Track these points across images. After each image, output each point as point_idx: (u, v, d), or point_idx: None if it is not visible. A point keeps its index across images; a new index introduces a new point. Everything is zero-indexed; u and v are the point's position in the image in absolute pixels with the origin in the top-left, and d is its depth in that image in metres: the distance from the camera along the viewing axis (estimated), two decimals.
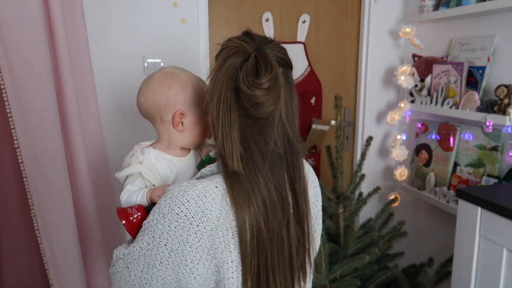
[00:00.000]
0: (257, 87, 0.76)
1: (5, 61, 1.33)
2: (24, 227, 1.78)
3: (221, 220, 0.78)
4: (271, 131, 0.81)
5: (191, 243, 0.78)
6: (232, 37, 0.86)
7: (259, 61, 0.78)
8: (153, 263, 0.80)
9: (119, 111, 1.87)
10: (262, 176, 0.80)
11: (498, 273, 1.20)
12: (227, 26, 2.00)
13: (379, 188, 1.78)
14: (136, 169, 0.97)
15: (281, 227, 0.81)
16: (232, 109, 0.79)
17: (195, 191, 0.78)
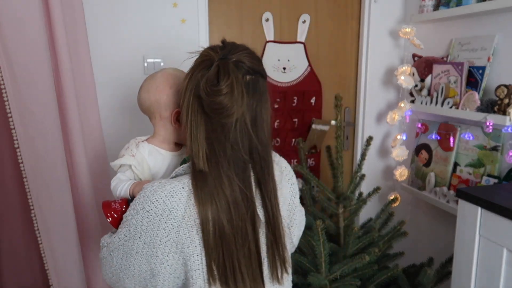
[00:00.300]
0: (215, 94, 0.84)
1: (5, 61, 1.33)
2: (24, 227, 1.78)
3: (186, 218, 0.86)
4: (234, 135, 0.88)
5: (160, 238, 0.86)
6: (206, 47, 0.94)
7: (220, 69, 0.85)
8: (130, 252, 0.90)
9: (119, 111, 1.87)
10: (226, 176, 0.87)
11: (498, 273, 1.20)
12: (227, 26, 2.00)
13: (379, 188, 1.78)
14: (128, 161, 1.06)
15: (245, 223, 0.88)
16: (198, 113, 0.88)
17: (163, 191, 0.86)
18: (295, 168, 1.71)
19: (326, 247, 1.51)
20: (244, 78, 0.88)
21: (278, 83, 2.10)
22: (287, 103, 2.12)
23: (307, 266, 1.58)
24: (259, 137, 0.91)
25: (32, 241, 1.72)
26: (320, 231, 1.49)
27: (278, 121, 2.12)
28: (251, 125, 0.89)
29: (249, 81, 0.89)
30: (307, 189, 1.81)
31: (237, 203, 0.88)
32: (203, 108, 0.87)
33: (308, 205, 1.78)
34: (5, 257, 1.81)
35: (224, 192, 0.86)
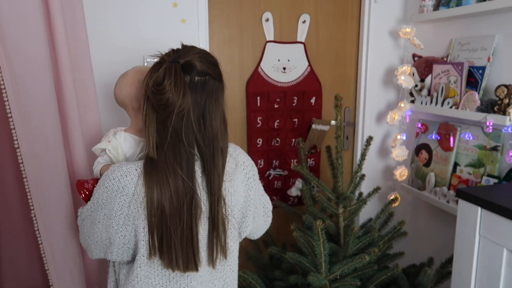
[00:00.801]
0: (159, 92, 0.97)
1: (5, 61, 1.33)
2: (24, 227, 1.78)
3: (136, 196, 1.00)
4: (178, 128, 1.00)
5: (115, 211, 1.02)
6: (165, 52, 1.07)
7: (166, 71, 0.99)
8: (94, 221, 1.06)
9: (119, 110, 1.87)
10: (171, 166, 1.00)
11: (498, 273, 1.20)
12: (227, 26, 2.00)
13: (379, 188, 1.78)
14: (103, 146, 1.22)
15: (183, 209, 1.00)
16: (150, 110, 1.01)
17: (120, 171, 1.02)
18: (295, 168, 1.71)
19: (326, 247, 1.51)
20: (193, 79, 1.00)
21: (278, 83, 2.10)
22: (287, 103, 2.12)
23: (307, 266, 1.58)
24: (206, 131, 1.02)
25: (32, 241, 1.72)
26: (320, 231, 1.49)
27: (278, 121, 2.12)
28: (198, 120, 1.01)
29: (197, 81, 1.01)
30: (307, 189, 1.81)
31: (178, 190, 1.00)
32: (152, 105, 1.00)
33: (308, 205, 1.78)
34: (5, 257, 1.81)
35: (168, 180, 0.99)
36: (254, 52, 2.06)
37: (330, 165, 1.74)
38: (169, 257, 1.02)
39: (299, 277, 1.62)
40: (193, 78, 1.00)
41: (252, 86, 2.04)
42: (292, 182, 2.17)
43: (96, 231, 1.06)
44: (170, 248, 1.01)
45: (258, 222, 1.21)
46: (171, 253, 1.01)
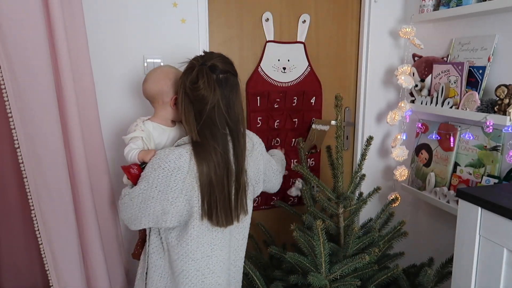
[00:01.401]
0: (195, 89, 1.28)
1: (5, 61, 1.33)
2: (24, 227, 1.78)
3: (190, 173, 1.28)
4: (214, 115, 1.29)
5: (171, 186, 1.27)
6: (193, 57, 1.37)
7: (198, 73, 1.28)
8: (148, 198, 1.29)
9: (119, 110, 1.87)
10: (211, 145, 1.29)
11: (498, 273, 1.20)
12: (227, 26, 2.00)
13: (380, 188, 1.78)
14: (140, 134, 1.41)
15: (224, 178, 1.30)
16: (188, 103, 1.31)
17: (174, 154, 1.27)
18: (295, 168, 1.71)
19: (326, 247, 1.51)
20: (218, 76, 1.30)
21: (278, 83, 2.10)
22: (287, 103, 2.12)
23: (307, 266, 1.58)
24: (231, 116, 1.32)
25: (32, 241, 1.72)
26: (320, 231, 1.49)
27: (278, 121, 2.11)
28: (225, 108, 1.30)
29: (221, 78, 1.31)
30: (307, 189, 1.81)
31: (219, 163, 1.29)
32: (190, 100, 1.30)
33: (308, 205, 1.78)
34: (5, 257, 1.81)
35: (212, 156, 1.28)
36: (254, 52, 2.05)
37: (330, 165, 1.74)
38: (216, 216, 1.30)
39: (299, 277, 1.62)
40: (218, 76, 1.29)
41: (252, 86, 2.04)
42: (292, 182, 2.17)
43: (149, 206, 1.29)
44: (216, 209, 1.30)
45: (271, 182, 1.58)
46: (217, 213, 1.30)
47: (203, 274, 1.36)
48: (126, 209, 1.35)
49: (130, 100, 1.88)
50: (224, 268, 1.41)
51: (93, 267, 1.64)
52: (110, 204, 1.75)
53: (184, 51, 1.90)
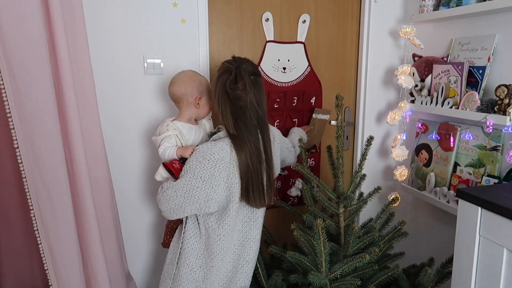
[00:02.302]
0: (236, 89, 1.45)
1: (5, 61, 1.33)
2: (24, 227, 1.78)
3: (231, 162, 1.47)
4: (248, 112, 1.49)
5: (215, 176, 1.45)
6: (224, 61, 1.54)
7: (236, 75, 1.46)
8: (193, 188, 1.45)
9: (118, 110, 1.87)
10: (246, 137, 1.48)
11: (498, 273, 1.20)
12: (227, 26, 2.00)
13: (380, 188, 1.78)
14: (173, 132, 1.56)
15: (257, 164, 1.50)
16: (226, 101, 1.48)
17: (216, 147, 1.46)
18: (295, 168, 1.72)
19: (326, 246, 1.51)
20: (250, 78, 1.48)
21: (278, 83, 2.10)
22: (287, 103, 2.12)
23: (307, 265, 1.58)
24: (261, 112, 1.52)
25: (32, 241, 1.72)
26: (320, 230, 1.49)
27: (278, 121, 2.11)
28: (257, 105, 1.50)
29: (253, 79, 1.49)
30: (308, 188, 1.81)
31: (253, 152, 1.48)
32: (229, 98, 1.47)
33: (309, 205, 1.78)
34: (5, 257, 1.81)
35: (247, 146, 1.47)
36: (254, 52, 2.05)
37: (330, 165, 1.74)
38: (252, 198, 1.50)
39: (299, 277, 1.62)
40: (250, 77, 1.48)
41: None
42: (292, 182, 2.17)
43: (194, 195, 1.45)
44: (253, 192, 1.50)
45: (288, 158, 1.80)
46: (254, 195, 1.50)
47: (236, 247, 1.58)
48: (169, 200, 1.48)
49: (130, 99, 1.88)
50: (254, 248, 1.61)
51: (93, 267, 1.64)
52: (110, 204, 1.75)
53: (184, 51, 1.91)
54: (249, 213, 1.58)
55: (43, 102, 1.41)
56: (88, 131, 1.62)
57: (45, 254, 1.50)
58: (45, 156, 1.44)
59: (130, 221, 1.98)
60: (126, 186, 1.95)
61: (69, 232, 1.53)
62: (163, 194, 1.50)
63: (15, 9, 1.32)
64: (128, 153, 1.93)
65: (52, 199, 1.47)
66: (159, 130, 1.59)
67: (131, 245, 2.00)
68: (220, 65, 1.53)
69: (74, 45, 1.53)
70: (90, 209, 1.59)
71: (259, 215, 1.61)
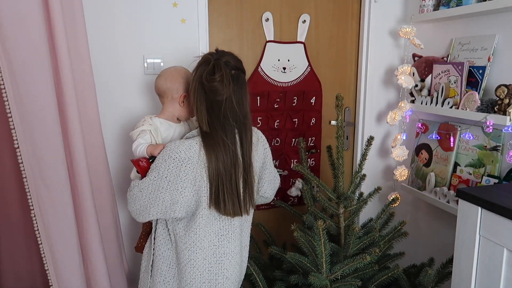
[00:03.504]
0: (212, 81, 1.31)
1: (5, 61, 1.33)
2: (24, 227, 1.78)
3: (199, 163, 1.31)
4: (224, 109, 1.33)
5: (181, 177, 1.30)
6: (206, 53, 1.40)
7: (214, 66, 1.32)
8: (157, 188, 1.32)
9: (119, 110, 1.87)
10: (220, 136, 1.32)
11: (498, 273, 1.20)
12: (227, 26, 2.00)
13: (380, 188, 1.78)
14: (148, 127, 1.47)
15: (231, 168, 1.34)
16: (201, 94, 1.34)
17: (184, 146, 1.31)
18: (295, 168, 1.71)
19: (327, 247, 1.51)
20: (231, 72, 1.33)
21: (278, 83, 2.10)
22: (287, 103, 2.12)
23: (307, 266, 1.58)
24: (240, 111, 1.36)
25: (32, 241, 1.72)
26: (321, 231, 1.48)
27: (278, 121, 2.11)
28: (237, 103, 1.34)
29: (234, 74, 1.34)
30: (308, 189, 1.81)
31: (227, 154, 1.33)
32: (204, 90, 1.33)
33: (309, 205, 1.78)
34: (5, 257, 1.81)
35: (220, 146, 1.32)
36: (254, 52, 2.05)
37: (330, 165, 1.74)
38: (224, 206, 1.34)
39: (299, 277, 1.62)
40: (231, 71, 1.33)
41: (252, 86, 2.04)
42: (292, 182, 2.17)
43: (159, 196, 1.32)
44: (224, 199, 1.33)
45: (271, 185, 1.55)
46: (224, 203, 1.34)
47: (209, 263, 1.40)
48: (135, 201, 1.37)
49: (130, 99, 1.88)
50: (233, 262, 1.43)
51: (93, 267, 1.64)
52: (110, 204, 1.75)
53: (184, 51, 1.90)
54: (226, 225, 1.41)
55: (43, 102, 1.41)
56: (88, 131, 1.62)
57: (45, 254, 1.50)
58: (45, 156, 1.44)
59: (130, 221, 1.98)
60: (126, 186, 1.95)
61: (70, 232, 1.53)
62: (130, 193, 1.39)
63: (15, 8, 1.32)
64: (128, 152, 1.93)
65: (53, 199, 1.47)
66: (136, 125, 1.51)
67: (131, 245, 2.00)
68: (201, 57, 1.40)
69: (74, 45, 1.53)
70: (90, 209, 1.59)
71: (237, 226, 1.43)
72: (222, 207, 1.34)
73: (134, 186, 1.38)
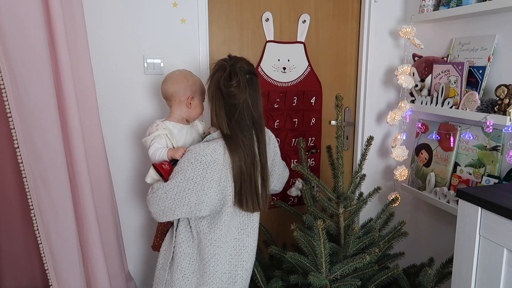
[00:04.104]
0: (229, 86, 1.40)
1: (5, 61, 1.33)
2: (24, 227, 1.78)
3: (224, 164, 1.41)
4: (242, 111, 1.43)
5: (207, 178, 1.39)
6: (220, 59, 1.49)
7: (231, 72, 1.42)
8: (184, 190, 1.40)
9: (119, 110, 1.87)
10: (240, 137, 1.42)
11: (498, 273, 1.20)
12: (227, 26, 2.00)
13: (380, 188, 1.78)
14: (162, 131, 1.51)
15: (251, 167, 1.44)
16: (220, 99, 1.43)
17: (209, 149, 1.40)
18: (295, 168, 1.71)
19: (326, 247, 1.51)
20: (246, 77, 1.43)
21: (278, 83, 2.10)
22: (287, 103, 2.12)
23: (307, 266, 1.58)
24: (256, 112, 1.46)
25: (32, 241, 1.72)
26: (321, 230, 1.49)
27: (278, 121, 2.11)
28: (252, 105, 1.44)
29: (248, 78, 1.44)
30: (308, 189, 1.81)
31: (247, 154, 1.43)
32: (222, 95, 1.42)
33: (309, 205, 1.78)
34: (4, 257, 1.81)
35: (241, 148, 1.42)
36: (254, 52, 2.06)
37: (330, 165, 1.74)
38: (245, 202, 1.45)
39: (299, 277, 1.62)
40: (246, 76, 1.43)
41: None
42: (292, 182, 2.17)
43: (185, 197, 1.40)
44: (246, 196, 1.44)
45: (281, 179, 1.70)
46: (246, 200, 1.44)
47: (230, 255, 1.50)
48: (159, 202, 1.43)
49: (130, 100, 1.88)
50: (251, 255, 1.56)
51: (93, 267, 1.64)
52: (110, 204, 1.75)
53: (184, 51, 1.91)
54: (246, 220, 1.52)
55: (43, 102, 1.41)
56: (88, 131, 1.62)
57: (45, 254, 1.50)
58: (45, 156, 1.44)
59: (130, 221, 1.98)
60: (126, 186, 1.95)
61: (69, 232, 1.53)
62: (153, 195, 1.44)
63: (15, 9, 1.32)
64: (128, 152, 1.93)
65: (52, 199, 1.47)
66: (149, 131, 1.54)
67: (131, 245, 2.00)
68: (216, 63, 1.49)
69: (74, 45, 1.53)
70: (90, 209, 1.59)
71: (255, 221, 1.56)
72: (244, 203, 1.44)
73: (158, 188, 1.43)
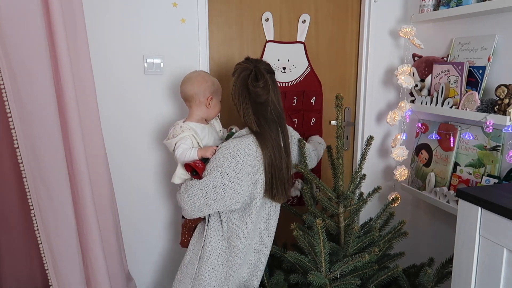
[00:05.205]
0: (256, 86, 1.52)
1: (5, 61, 1.33)
2: (24, 227, 1.78)
3: (257, 158, 1.52)
4: (268, 108, 1.55)
5: (242, 172, 1.49)
6: (240, 62, 1.60)
7: (257, 73, 1.53)
8: (220, 185, 1.48)
9: (119, 110, 1.87)
10: (268, 133, 1.53)
11: (498, 273, 1.20)
12: (227, 26, 2.00)
13: (380, 188, 1.78)
14: (188, 133, 1.57)
15: (280, 159, 1.55)
16: (247, 99, 1.54)
17: (243, 144, 1.50)
18: (295, 168, 1.72)
19: (326, 246, 1.51)
20: (267, 76, 1.54)
21: (278, 83, 2.09)
22: (287, 103, 2.12)
23: (307, 265, 1.58)
24: (279, 108, 1.58)
25: (32, 241, 1.72)
26: (320, 229, 1.49)
27: None
28: (276, 102, 1.56)
29: (269, 77, 1.55)
30: (308, 188, 1.81)
31: (275, 147, 1.54)
32: (250, 95, 1.53)
33: (309, 205, 1.78)
34: (5, 257, 1.81)
35: (270, 141, 1.53)
36: (254, 52, 2.06)
37: (330, 165, 1.74)
38: (276, 193, 1.56)
39: (299, 276, 1.62)
40: (269, 75, 1.55)
41: None
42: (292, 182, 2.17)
43: (221, 192, 1.48)
44: (276, 186, 1.55)
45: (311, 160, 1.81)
46: (276, 190, 1.56)
47: (256, 243, 1.62)
48: (194, 199, 1.50)
49: (130, 99, 1.88)
50: (272, 243, 1.66)
51: (93, 267, 1.64)
52: (110, 204, 1.75)
53: (184, 51, 1.91)
54: (271, 210, 1.63)
55: (43, 102, 1.41)
56: (88, 131, 1.62)
57: (45, 254, 1.50)
58: (45, 156, 1.44)
59: (130, 221, 1.98)
60: (126, 186, 1.95)
61: (69, 232, 1.53)
62: (188, 193, 1.50)
63: (15, 8, 1.32)
64: (128, 152, 1.93)
65: (52, 199, 1.47)
66: (172, 133, 1.58)
67: (131, 245, 2.00)
68: (236, 66, 1.58)
69: (74, 45, 1.54)
70: (90, 209, 1.59)
71: (278, 211, 1.66)
72: (276, 194, 1.55)
73: (193, 185, 1.50)
